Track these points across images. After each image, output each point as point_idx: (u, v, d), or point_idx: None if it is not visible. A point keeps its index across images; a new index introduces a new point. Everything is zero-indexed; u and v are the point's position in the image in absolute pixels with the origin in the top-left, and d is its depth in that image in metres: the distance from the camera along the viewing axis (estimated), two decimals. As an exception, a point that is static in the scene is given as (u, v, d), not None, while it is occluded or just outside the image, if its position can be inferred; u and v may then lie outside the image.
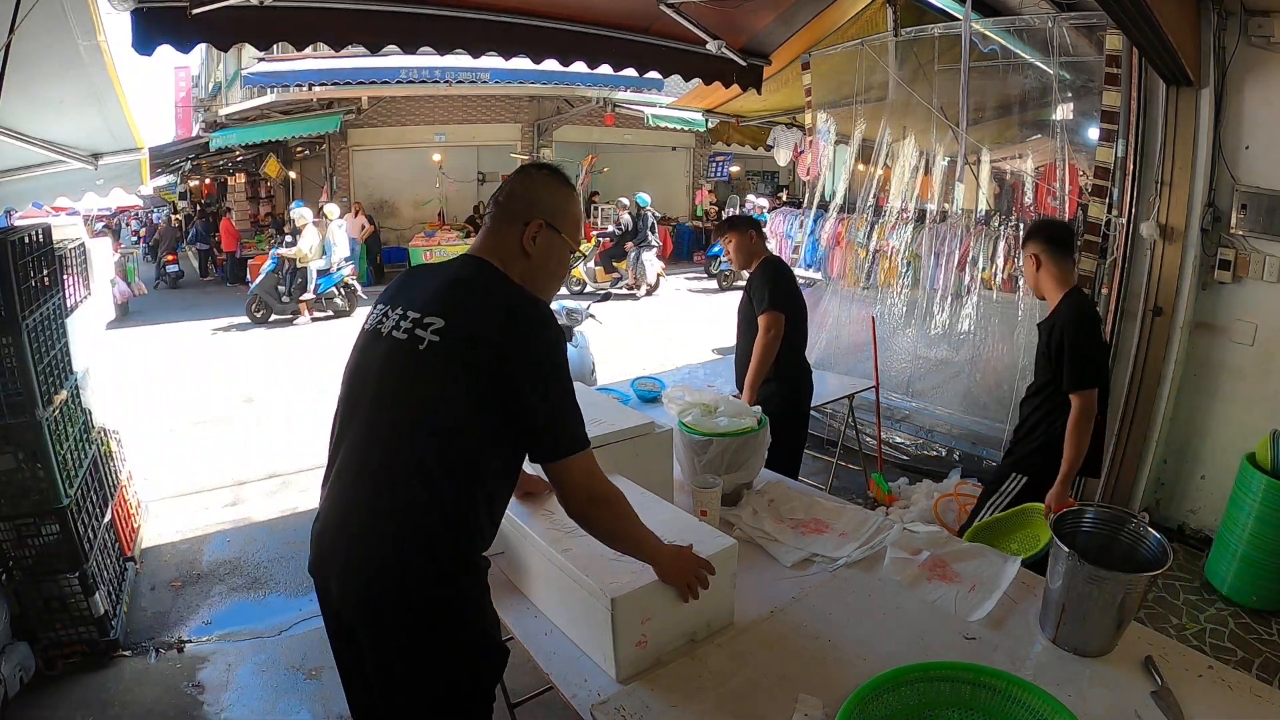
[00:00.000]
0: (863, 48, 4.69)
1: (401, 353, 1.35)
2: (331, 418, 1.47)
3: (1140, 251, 3.51)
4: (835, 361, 4.84)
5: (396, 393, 1.36)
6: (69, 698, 2.61)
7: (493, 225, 1.48)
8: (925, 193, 4.68)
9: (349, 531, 1.35)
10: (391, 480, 1.32)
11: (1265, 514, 2.86)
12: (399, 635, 1.32)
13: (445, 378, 1.32)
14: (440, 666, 1.35)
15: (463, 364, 1.31)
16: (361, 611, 1.34)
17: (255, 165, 15.04)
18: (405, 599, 1.31)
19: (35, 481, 2.64)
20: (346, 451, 1.40)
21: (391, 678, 1.35)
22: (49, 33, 2.44)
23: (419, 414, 1.33)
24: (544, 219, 1.45)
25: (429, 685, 1.35)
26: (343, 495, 1.37)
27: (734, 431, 2.12)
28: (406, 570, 1.30)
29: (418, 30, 2.86)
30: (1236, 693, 1.37)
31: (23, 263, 2.63)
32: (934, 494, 3.71)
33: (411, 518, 1.31)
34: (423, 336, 1.33)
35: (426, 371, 1.33)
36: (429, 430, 1.32)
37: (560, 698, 1.47)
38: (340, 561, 1.35)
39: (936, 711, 1.28)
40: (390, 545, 1.31)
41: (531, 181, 1.50)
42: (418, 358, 1.33)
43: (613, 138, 14.56)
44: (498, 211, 1.48)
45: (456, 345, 1.32)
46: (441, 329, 1.32)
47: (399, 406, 1.35)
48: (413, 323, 1.36)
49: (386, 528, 1.31)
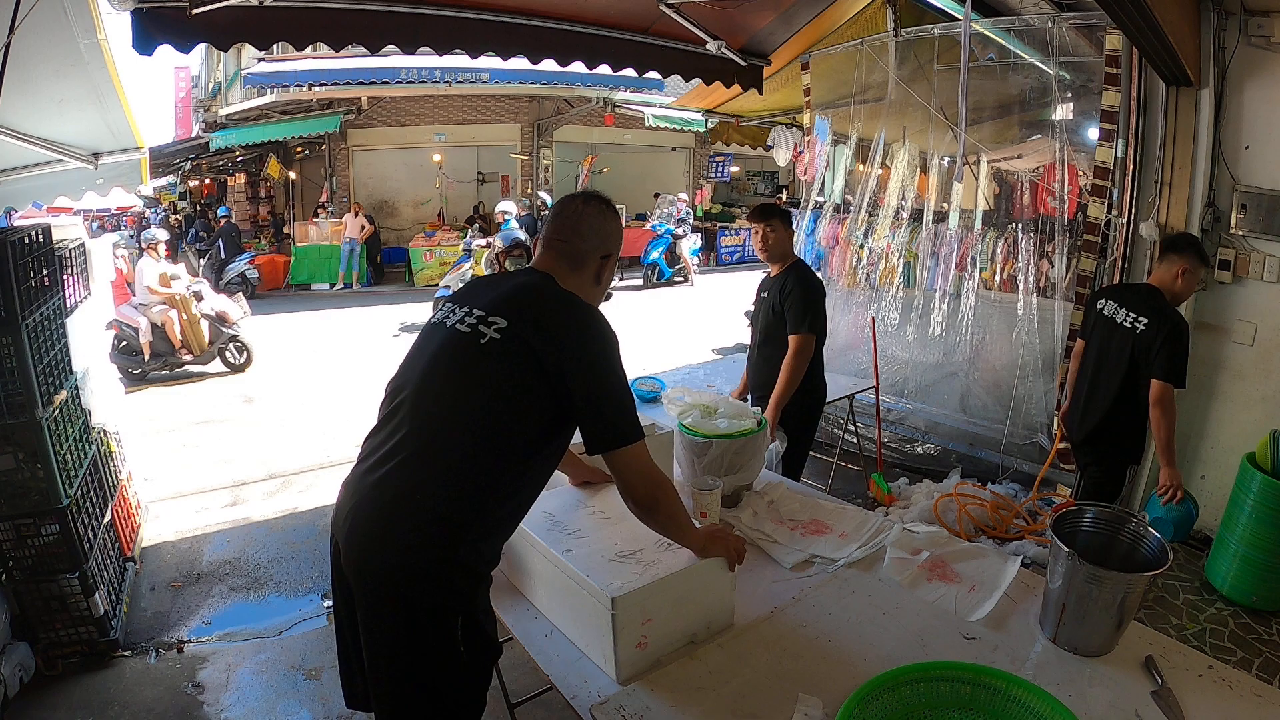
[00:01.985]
0: (862, 48, 4.69)
1: (462, 344, 1.43)
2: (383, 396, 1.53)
3: (1140, 251, 3.51)
4: (834, 362, 4.82)
5: (448, 379, 1.44)
6: (69, 698, 2.61)
7: (563, 253, 1.55)
8: (924, 193, 4.68)
9: (370, 513, 1.38)
10: (428, 466, 1.37)
11: (1265, 514, 2.86)
12: (394, 622, 1.35)
13: (502, 373, 1.39)
14: (438, 653, 1.37)
15: (522, 359, 1.38)
16: (365, 592, 1.37)
17: (255, 165, 15.05)
18: (419, 583, 1.34)
19: (35, 481, 2.64)
20: (385, 431, 1.45)
21: (389, 659, 1.38)
22: (49, 31, 2.44)
23: (470, 407, 1.39)
24: (611, 250, 1.60)
25: (423, 670, 1.37)
26: (372, 481, 1.40)
27: (734, 433, 2.11)
28: (426, 557, 1.34)
29: (417, 30, 2.86)
30: (1236, 693, 1.37)
31: (23, 263, 2.63)
32: (934, 494, 3.70)
33: (441, 505, 1.35)
34: (485, 332, 1.41)
35: (484, 365, 1.40)
36: (476, 424, 1.38)
37: (560, 698, 1.47)
38: (355, 540, 1.38)
39: (936, 711, 1.28)
40: (413, 529, 1.34)
41: (599, 217, 1.59)
42: (479, 351, 1.41)
43: (613, 138, 14.56)
44: (564, 248, 1.56)
45: (518, 343, 1.39)
46: (504, 328, 1.40)
47: (447, 394, 1.43)
48: (477, 319, 1.44)
49: (414, 511, 1.35)
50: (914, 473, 4.28)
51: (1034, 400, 4.07)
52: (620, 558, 1.53)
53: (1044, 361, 4.03)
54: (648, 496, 1.44)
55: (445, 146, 13.90)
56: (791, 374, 2.93)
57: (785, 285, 3.02)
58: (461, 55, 3.13)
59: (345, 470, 1.51)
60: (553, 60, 3.32)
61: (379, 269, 13.02)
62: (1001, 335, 4.22)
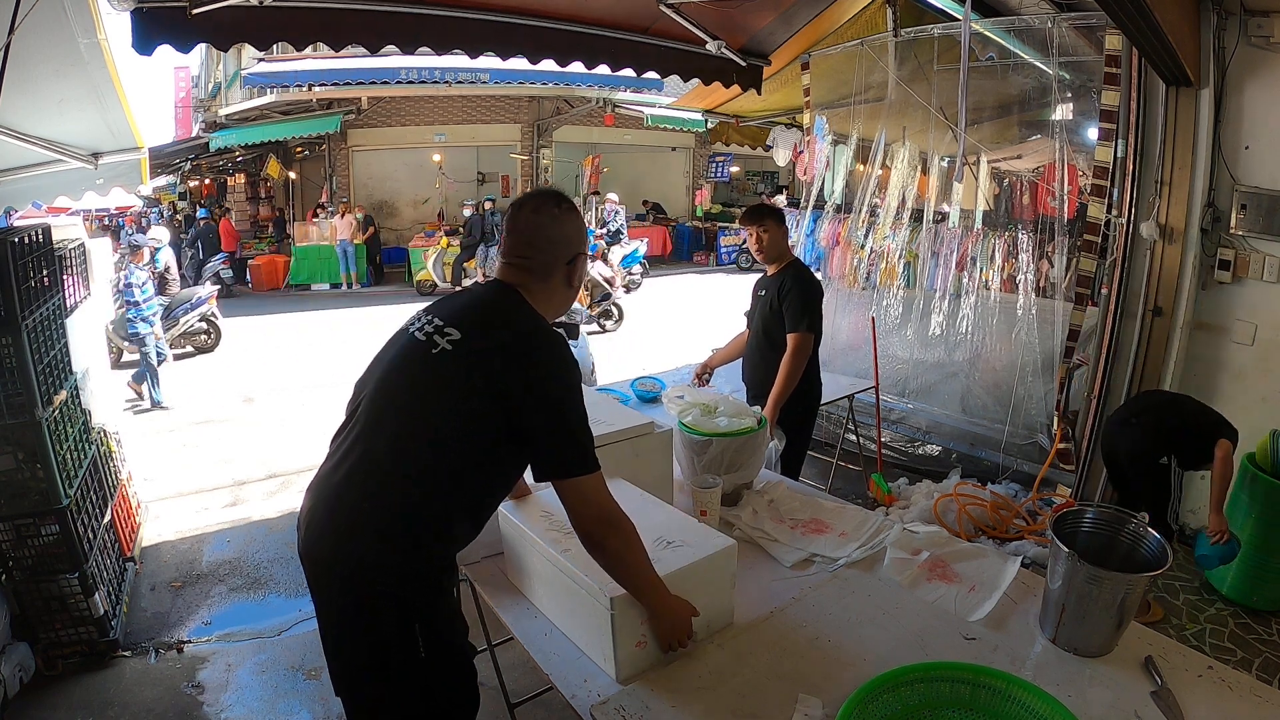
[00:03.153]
0: (862, 48, 4.69)
1: (416, 352, 1.43)
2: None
3: (1140, 251, 3.50)
4: (835, 362, 4.83)
5: (399, 387, 1.44)
6: (69, 698, 2.61)
7: (525, 269, 1.48)
8: (924, 193, 4.69)
9: (335, 523, 1.38)
10: (380, 477, 1.36)
11: (1265, 514, 2.86)
12: (368, 635, 1.36)
13: (448, 385, 1.38)
14: (399, 652, 1.37)
15: (468, 375, 1.36)
16: (337, 606, 1.38)
17: (255, 166, 15.05)
18: (377, 586, 1.34)
19: (35, 481, 2.64)
20: (349, 438, 1.45)
21: (354, 676, 1.40)
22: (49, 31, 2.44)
23: (415, 413, 1.39)
24: (578, 251, 1.52)
25: (382, 669, 1.37)
26: (334, 482, 1.40)
27: (734, 432, 2.11)
28: (380, 561, 1.33)
29: (417, 30, 2.86)
30: (1236, 693, 1.37)
31: (23, 263, 2.63)
32: (934, 494, 3.71)
33: (392, 509, 1.35)
34: (438, 342, 1.40)
35: (432, 374, 1.40)
36: (421, 432, 1.37)
37: (560, 698, 1.47)
38: (325, 551, 1.38)
39: (936, 711, 1.28)
40: (368, 531, 1.34)
41: (554, 225, 1.49)
42: (429, 361, 1.40)
43: (612, 138, 14.55)
44: (525, 264, 1.48)
45: (468, 358, 1.38)
46: (456, 340, 1.40)
47: (400, 399, 1.42)
48: (434, 329, 1.44)
49: (370, 524, 1.35)
50: (914, 473, 4.28)
51: (1034, 400, 4.07)
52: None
53: (1044, 361, 4.03)
54: (596, 532, 1.37)
55: (445, 146, 13.90)
56: (790, 372, 2.93)
57: (783, 284, 3.01)
58: (461, 55, 3.13)
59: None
60: (552, 60, 3.32)
61: (379, 269, 13.02)
62: (1001, 335, 4.22)
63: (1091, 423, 3.68)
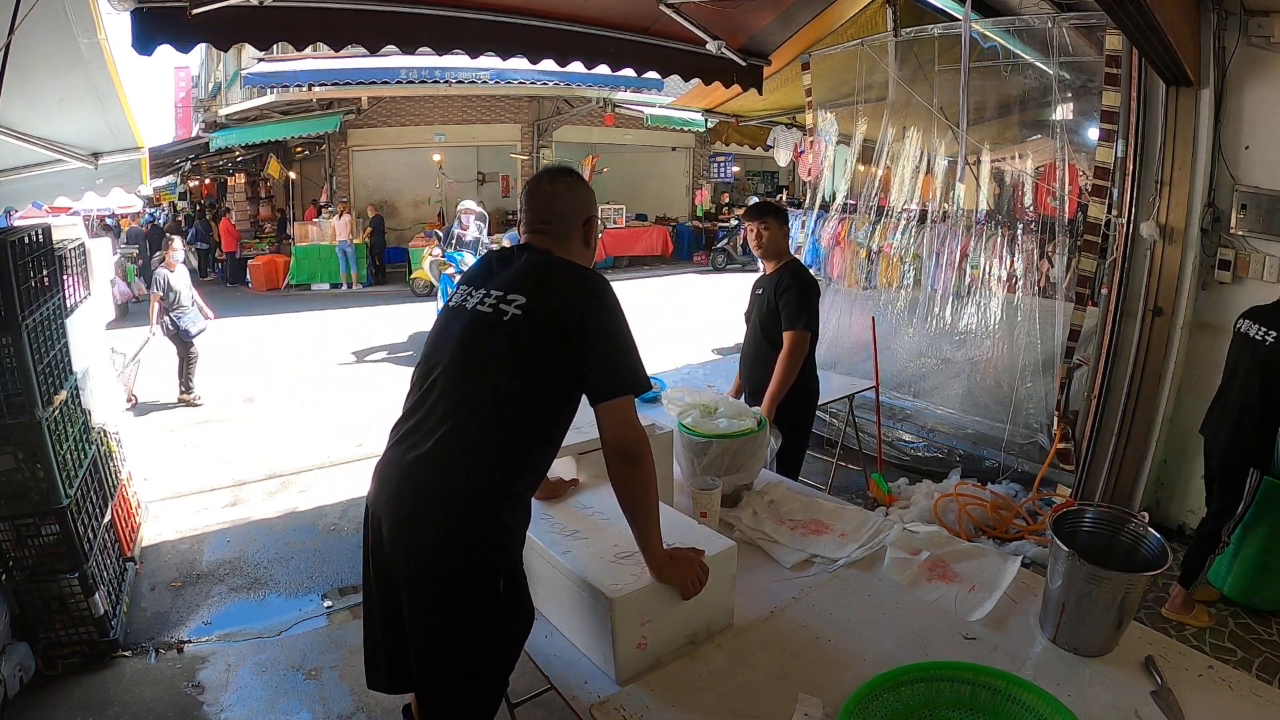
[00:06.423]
0: (863, 48, 4.69)
1: (486, 323, 1.51)
2: (410, 382, 1.61)
3: (1140, 251, 3.50)
4: (836, 361, 4.83)
5: (477, 356, 1.51)
6: (69, 698, 2.61)
7: (548, 234, 1.63)
8: (926, 193, 4.68)
9: (414, 487, 1.43)
10: (467, 437, 1.44)
11: (1265, 514, 2.86)
12: (442, 586, 1.39)
13: (525, 345, 1.46)
14: (476, 619, 1.41)
15: (543, 330, 1.46)
16: (411, 563, 1.41)
17: (255, 166, 15.05)
18: (466, 543, 1.40)
19: (35, 481, 2.64)
20: (421, 411, 1.51)
21: (429, 625, 1.42)
22: (49, 31, 2.44)
23: (496, 377, 1.47)
24: (590, 214, 1.68)
25: (462, 636, 1.41)
26: (421, 448, 1.45)
27: (734, 433, 2.11)
28: (472, 519, 1.40)
29: (417, 30, 2.86)
30: (1236, 693, 1.37)
31: (23, 263, 2.63)
32: (934, 494, 3.71)
33: (482, 471, 1.43)
34: (506, 310, 1.49)
35: (509, 340, 1.47)
36: (502, 393, 1.46)
37: (560, 698, 1.47)
38: (402, 513, 1.43)
39: (936, 711, 1.28)
40: (459, 496, 1.41)
41: (569, 193, 1.66)
42: (502, 328, 1.48)
43: (613, 138, 14.56)
44: (548, 229, 1.63)
45: (538, 315, 1.48)
46: (524, 304, 1.49)
47: (478, 370, 1.50)
48: (496, 299, 1.52)
49: (458, 480, 1.42)
50: (914, 473, 4.28)
51: (1034, 400, 4.07)
52: (619, 559, 1.53)
53: (1044, 362, 4.03)
54: (633, 449, 1.46)
55: (445, 146, 13.90)
56: (787, 370, 2.93)
57: (780, 283, 3.02)
58: (461, 55, 3.13)
59: (345, 470, 1.53)
60: (552, 60, 3.32)
61: (380, 269, 13.02)
62: (1002, 335, 4.22)
63: (1091, 423, 3.68)
